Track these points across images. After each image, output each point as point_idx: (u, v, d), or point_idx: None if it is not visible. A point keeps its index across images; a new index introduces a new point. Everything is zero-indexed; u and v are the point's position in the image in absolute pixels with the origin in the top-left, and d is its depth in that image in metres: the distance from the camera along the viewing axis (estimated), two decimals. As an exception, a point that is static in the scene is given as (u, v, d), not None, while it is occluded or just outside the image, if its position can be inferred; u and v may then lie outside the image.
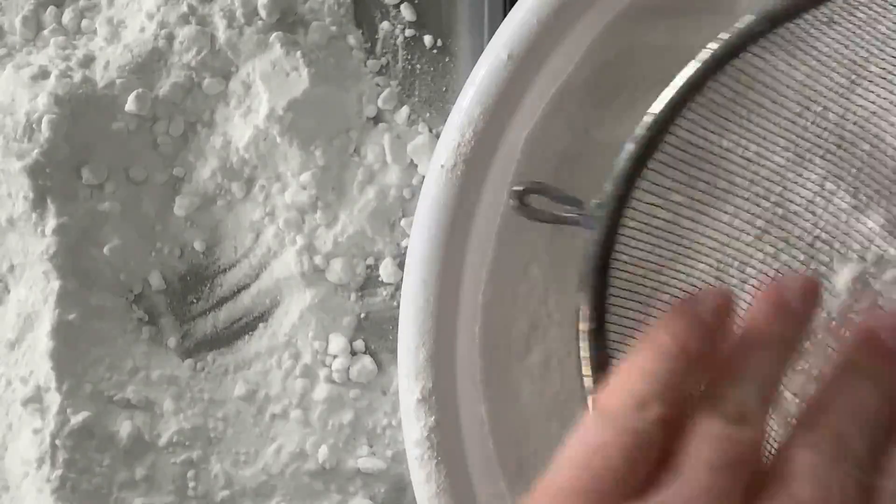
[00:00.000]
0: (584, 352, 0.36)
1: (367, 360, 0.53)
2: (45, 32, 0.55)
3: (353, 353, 0.53)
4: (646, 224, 0.37)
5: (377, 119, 0.54)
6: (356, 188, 0.53)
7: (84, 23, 0.55)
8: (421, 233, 0.46)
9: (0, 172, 0.52)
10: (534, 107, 0.47)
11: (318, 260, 0.53)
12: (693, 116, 0.37)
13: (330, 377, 0.52)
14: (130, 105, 0.52)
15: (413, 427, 0.46)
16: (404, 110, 0.54)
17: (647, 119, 0.36)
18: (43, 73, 0.52)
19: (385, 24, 0.55)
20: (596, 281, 0.36)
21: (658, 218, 0.38)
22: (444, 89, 0.54)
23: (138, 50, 0.53)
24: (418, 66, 0.55)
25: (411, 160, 0.53)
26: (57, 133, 0.51)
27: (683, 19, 0.46)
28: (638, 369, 0.31)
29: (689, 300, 0.33)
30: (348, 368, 0.52)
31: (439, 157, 0.46)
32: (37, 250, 0.52)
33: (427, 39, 0.54)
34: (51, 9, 0.55)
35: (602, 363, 0.36)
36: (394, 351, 0.50)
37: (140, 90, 0.52)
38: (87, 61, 0.53)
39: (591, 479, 0.28)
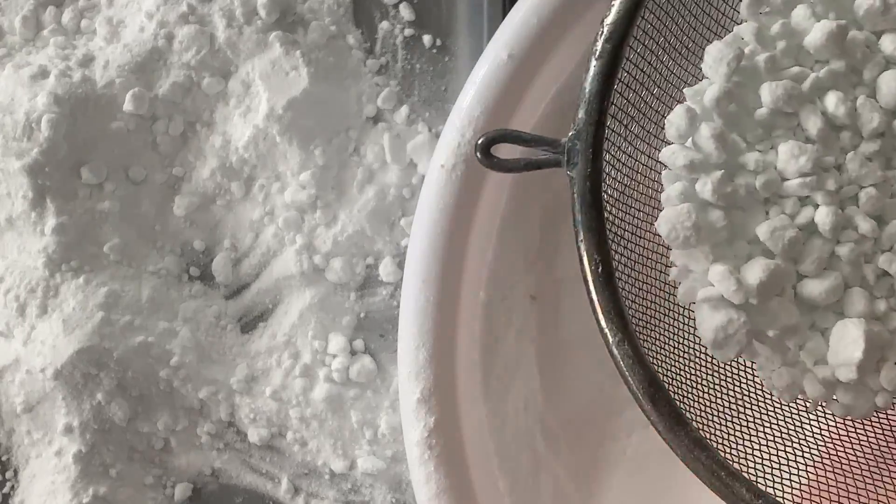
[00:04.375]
0: (594, 295, 0.34)
1: (366, 360, 0.53)
2: (45, 32, 0.55)
3: (353, 352, 0.53)
4: (621, 151, 0.35)
5: (377, 118, 0.54)
6: (356, 187, 0.53)
7: (83, 22, 0.55)
8: (421, 232, 0.46)
9: (-1, 172, 0.52)
10: (534, 107, 0.47)
11: (317, 259, 0.53)
12: (646, 26, 0.35)
13: (329, 377, 0.52)
14: (128, 105, 0.52)
15: (413, 427, 0.46)
16: (404, 110, 0.54)
17: (606, 30, 0.34)
18: (42, 73, 0.52)
19: (384, 24, 0.55)
20: (592, 218, 0.33)
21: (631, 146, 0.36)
22: (443, 89, 0.54)
23: (138, 49, 0.53)
24: (418, 65, 0.55)
25: (411, 160, 0.53)
26: (56, 132, 0.51)
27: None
28: None
29: None
30: (348, 368, 0.52)
31: (439, 157, 0.46)
32: (35, 249, 0.52)
33: (426, 39, 0.54)
34: (50, 9, 0.55)
35: (614, 303, 0.34)
36: (394, 351, 0.50)
37: (137, 89, 0.52)
38: (87, 61, 0.53)
39: None
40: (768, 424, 0.39)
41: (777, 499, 0.34)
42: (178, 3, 0.53)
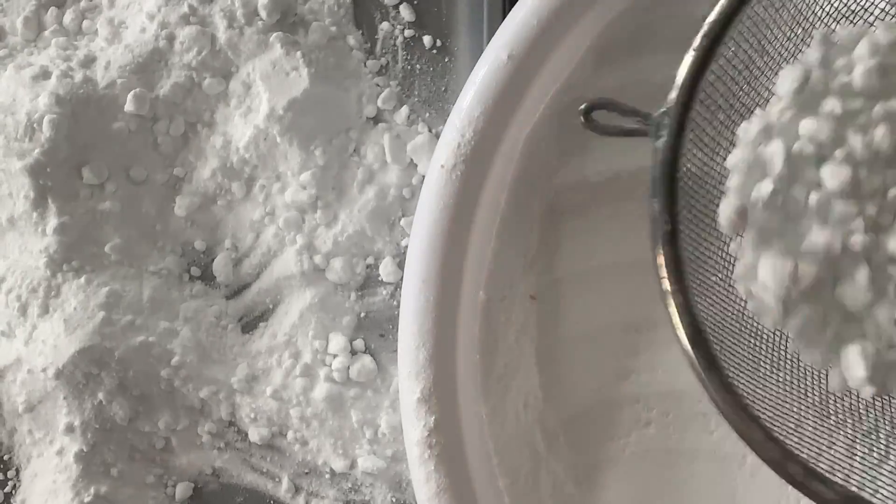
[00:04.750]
0: (658, 247, 0.38)
1: (366, 360, 0.53)
2: (47, 33, 0.55)
3: (353, 352, 0.53)
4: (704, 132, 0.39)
5: (377, 119, 0.54)
6: (356, 188, 0.53)
7: (85, 23, 0.55)
8: (421, 232, 0.46)
9: (1, 172, 0.52)
10: (534, 107, 0.47)
11: (318, 259, 0.53)
12: (743, 29, 0.39)
13: (330, 376, 0.52)
14: (129, 105, 0.52)
15: (413, 427, 0.46)
16: (404, 110, 0.54)
17: (706, 27, 0.38)
18: (44, 74, 0.52)
19: (385, 25, 0.55)
20: (668, 185, 0.38)
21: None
22: (443, 89, 0.54)
23: (139, 50, 0.53)
24: (418, 66, 0.55)
25: (411, 160, 0.53)
26: (58, 133, 0.51)
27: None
28: None
29: None
30: (348, 368, 0.52)
31: (439, 157, 0.46)
32: (37, 249, 0.52)
33: (426, 40, 0.54)
34: (52, 10, 0.55)
35: (677, 263, 0.38)
36: (394, 351, 0.50)
37: (138, 90, 0.52)
38: (88, 61, 0.53)
39: None
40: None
41: (790, 446, 0.38)
42: (179, 4, 0.53)
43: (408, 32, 0.55)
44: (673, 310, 0.38)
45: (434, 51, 0.55)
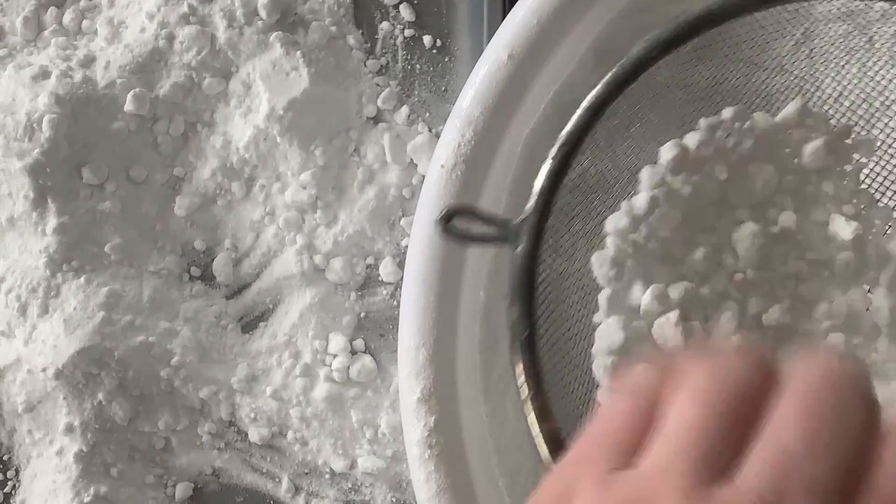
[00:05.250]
0: (517, 354, 0.38)
1: (366, 360, 0.53)
2: (46, 33, 0.55)
3: (353, 352, 0.53)
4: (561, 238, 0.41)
5: (377, 119, 0.54)
6: (356, 188, 0.53)
7: (85, 23, 0.55)
8: (421, 232, 0.46)
9: (1, 172, 0.52)
10: (534, 107, 0.47)
11: (318, 259, 0.53)
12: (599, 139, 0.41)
13: (330, 376, 0.52)
14: (129, 105, 0.52)
15: (413, 427, 0.46)
16: (404, 110, 0.54)
17: (563, 137, 0.39)
18: (44, 73, 0.52)
19: (385, 25, 0.55)
20: (526, 292, 0.39)
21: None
22: (443, 89, 0.54)
23: (139, 50, 0.53)
24: (418, 66, 0.55)
25: (411, 160, 0.53)
26: (58, 133, 0.51)
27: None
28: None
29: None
30: (348, 368, 0.52)
31: (439, 157, 0.46)
32: (37, 249, 0.52)
33: (426, 39, 0.54)
34: (51, 9, 0.55)
35: (536, 369, 0.38)
36: (394, 351, 0.50)
37: (138, 90, 0.52)
38: (88, 61, 0.53)
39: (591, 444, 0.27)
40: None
41: None
42: (178, 4, 0.53)
43: (408, 32, 0.55)
44: (531, 416, 0.38)
45: (434, 51, 0.55)
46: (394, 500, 0.52)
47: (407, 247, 0.48)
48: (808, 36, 0.43)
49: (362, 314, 0.54)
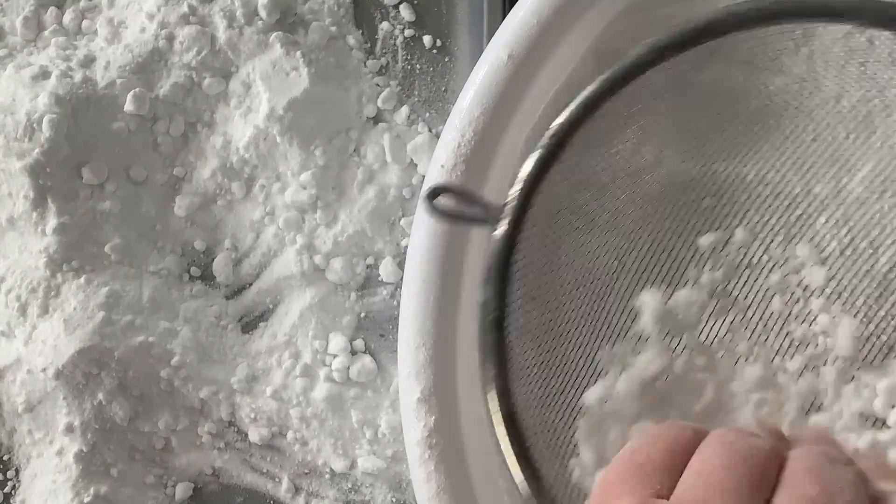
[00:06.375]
0: (485, 337, 0.39)
1: (366, 360, 0.53)
2: (46, 33, 0.55)
3: (353, 352, 0.53)
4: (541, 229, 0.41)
5: (377, 119, 0.54)
6: (356, 188, 0.53)
7: (85, 23, 0.55)
8: (421, 232, 0.46)
9: (0, 172, 0.52)
10: (534, 107, 0.47)
11: (318, 259, 0.53)
12: (588, 135, 0.41)
13: (330, 376, 0.52)
14: (129, 105, 0.52)
15: (413, 427, 0.46)
16: (404, 110, 0.54)
17: (553, 128, 0.39)
18: (44, 74, 0.52)
19: (385, 25, 0.55)
20: (500, 274, 0.39)
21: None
22: (443, 89, 0.54)
23: (139, 50, 0.53)
24: (418, 66, 0.55)
25: (411, 160, 0.53)
26: (57, 133, 0.51)
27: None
28: None
29: None
30: (348, 368, 0.52)
31: (439, 157, 0.46)
32: (37, 249, 0.52)
33: (426, 39, 0.54)
34: (51, 9, 0.55)
35: (502, 351, 0.39)
36: (394, 351, 0.50)
37: (137, 90, 0.52)
38: (88, 61, 0.53)
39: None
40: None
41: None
42: (178, 4, 0.53)
43: (408, 32, 0.55)
44: (492, 394, 0.39)
45: (434, 51, 0.55)
46: (394, 500, 0.52)
47: (407, 247, 0.48)
48: (808, 36, 0.43)
49: (362, 314, 0.54)
